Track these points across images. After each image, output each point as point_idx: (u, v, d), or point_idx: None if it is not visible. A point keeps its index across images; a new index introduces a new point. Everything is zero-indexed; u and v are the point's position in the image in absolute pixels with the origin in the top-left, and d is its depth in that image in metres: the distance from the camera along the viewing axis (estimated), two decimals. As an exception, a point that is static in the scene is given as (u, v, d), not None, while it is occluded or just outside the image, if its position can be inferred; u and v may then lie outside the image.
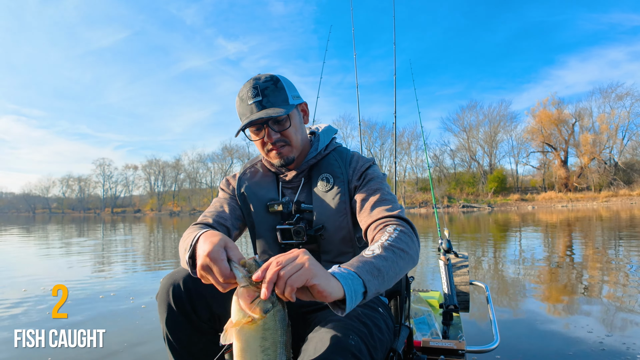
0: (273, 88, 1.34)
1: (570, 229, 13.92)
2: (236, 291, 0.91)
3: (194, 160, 76.51)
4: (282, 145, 1.39)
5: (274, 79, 1.36)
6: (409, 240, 1.16)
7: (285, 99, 1.36)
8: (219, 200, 1.55)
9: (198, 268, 0.96)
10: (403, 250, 1.11)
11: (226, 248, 0.95)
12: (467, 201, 49.56)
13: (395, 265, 1.05)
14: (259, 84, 1.34)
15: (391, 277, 1.04)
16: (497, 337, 2.13)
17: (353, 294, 0.90)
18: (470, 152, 57.06)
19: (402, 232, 1.17)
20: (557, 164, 50.87)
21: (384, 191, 1.37)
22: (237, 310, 0.89)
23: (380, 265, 1.00)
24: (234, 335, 0.89)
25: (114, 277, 6.41)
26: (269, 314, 0.88)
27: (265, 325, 0.88)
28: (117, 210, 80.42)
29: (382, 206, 1.31)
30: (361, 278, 0.94)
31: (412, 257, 1.14)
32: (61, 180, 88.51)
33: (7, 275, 6.70)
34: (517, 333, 3.14)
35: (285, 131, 1.38)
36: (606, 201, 42.49)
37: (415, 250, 1.16)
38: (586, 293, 4.53)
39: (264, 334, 0.89)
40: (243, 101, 1.35)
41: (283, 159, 1.41)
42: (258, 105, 1.32)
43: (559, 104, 51.36)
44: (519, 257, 7.59)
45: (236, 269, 0.90)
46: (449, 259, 2.67)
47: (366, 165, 1.45)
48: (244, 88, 1.36)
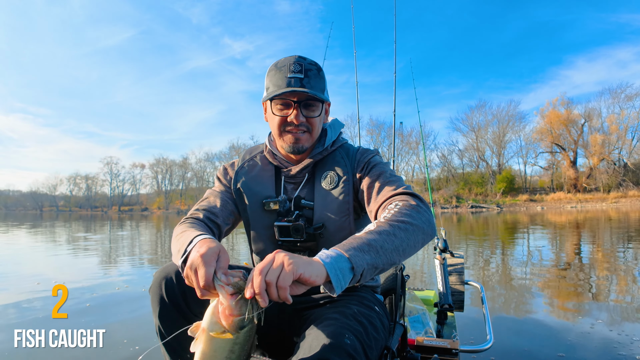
0: (316, 73, 1.33)
1: (577, 230, 13.79)
2: (214, 303, 0.93)
3: (201, 159, 76.94)
4: (303, 130, 1.36)
5: (318, 67, 1.35)
6: (413, 212, 1.12)
7: (323, 88, 1.36)
8: (213, 193, 1.51)
9: (187, 266, 0.97)
10: (404, 222, 1.07)
11: (219, 254, 0.96)
12: (475, 201, 49.30)
13: (393, 237, 1.02)
14: (304, 62, 1.31)
15: (389, 249, 1.00)
16: (491, 337, 2.12)
17: (339, 272, 0.90)
18: (479, 152, 56.80)
19: (404, 205, 1.14)
20: (566, 165, 50.41)
21: (387, 173, 1.35)
22: (214, 322, 0.91)
23: (371, 240, 0.99)
24: (203, 339, 0.92)
25: (122, 273, 6.46)
26: (242, 331, 0.91)
27: (237, 340, 0.92)
28: (125, 208, 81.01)
29: (387, 187, 1.29)
30: (346, 255, 0.93)
31: (418, 227, 1.09)
32: (68, 179, 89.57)
33: (6, 274, 6.72)
34: (511, 333, 3.14)
35: (313, 119, 1.35)
36: (615, 202, 42.06)
37: (422, 219, 1.11)
38: (580, 294, 4.50)
39: (233, 348, 0.93)
40: (280, 71, 1.31)
41: (298, 146, 1.37)
42: (298, 82, 1.28)
43: (568, 104, 51.01)
44: (519, 258, 7.55)
45: (221, 287, 0.91)
46: (445, 258, 2.67)
47: (369, 156, 1.43)
48: (284, 60, 1.32)
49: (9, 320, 3.79)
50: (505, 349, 2.74)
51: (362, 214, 1.46)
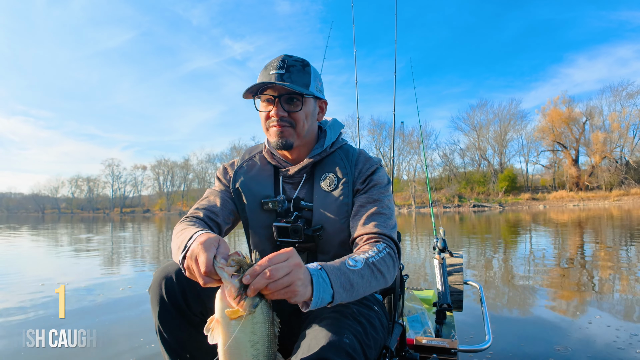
0: (299, 68, 1.32)
1: (579, 228, 13.76)
2: (220, 289, 0.92)
3: (202, 160, 77.11)
4: (286, 125, 1.34)
5: (305, 63, 1.35)
6: (391, 265, 1.18)
7: (307, 83, 1.33)
8: (212, 192, 1.50)
9: (187, 256, 0.98)
10: (381, 273, 1.14)
11: (219, 243, 0.97)
12: (477, 200, 49.25)
13: (368, 284, 1.09)
14: (289, 60, 1.32)
15: (360, 293, 1.08)
16: (489, 337, 2.12)
17: (320, 301, 0.96)
18: (480, 151, 56.75)
19: (388, 254, 1.19)
20: (568, 163, 50.35)
21: (384, 203, 1.34)
22: (225, 307, 0.89)
23: (355, 282, 1.05)
24: (220, 333, 0.89)
25: (125, 274, 6.48)
26: (257, 308, 0.89)
27: (255, 319, 0.89)
28: (126, 210, 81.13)
29: (377, 220, 1.29)
30: (333, 289, 0.99)
31: (386, 280, 1.16)
32: (70, 181, 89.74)
33: (7, 274, 6.75)
34: (510, 333, 3.13)
35: (295, 113, 1.33)
36: (617, 200, 41.97)
37: (391, 275, 1.19)
38: (579, 293, 4.48)
39: (253, 328, 0.89)
40: (266, 69, 1.33)
41: (282, 140, 1.35)
42: (278, 77, 1.29)
43: (569, 102, 50.92)
44: (520, 257, 7.51)
45: (221, 269, 0.90)
46: (444, 258, 2.67)
47: (372, 168, 1.41)
48: (272, 61, 1.34)
49: (13, 321, 3.79)
50: (503, 349, 2.73)
51: None
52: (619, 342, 2.83)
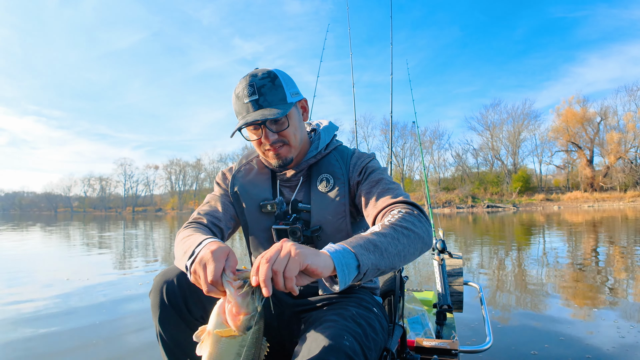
0: (270, 86, 1.27)
1: (594, 229, 13.57)
2: (220, 302, 0.93)
3: (214, 160, 77.68)
4: (280, 145, 1.34)
5: (272, 76, 1.29)
6: (416, 220, 1.12)
7: (283, 97, 1.29)
8: (213, 198, 1.52)
9: (196, 262, 0.98)
10: (407, 229, 1.08)
11: (229, 254, 0.97)
12: (491, 201, 48.76)
13: (396, 242, 1.03)
14: (256, 81, 1.27)
15: (392, 253, 1.01)
16: (490, 338, 2.11)
17: (345, 267, 0.91)
18: (493, 151, 56.23)
19: (407, 213, 1.14)
20: (583, 164, 49.61)
21: (386, 180, 1.34)
22: (220, 323, 0.90)
23: (377, 241, 0.99)
24: (208, 345, 0.90)
25: (137, 272, 6.57)
26: (249, 332, 0.90)
27: (243, 342, 0.90)
28: (139, 209, 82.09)
29: (386, 195, 1.28)
30: (353, 251, 0.94)
31: (419, 236, 1.10)
32: (83, 180, 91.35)
33: (8, 273, 6.82)
34: (510, 334, 3.11)
35: (284, 131, 1.32)
36: (632, 201, 41.23)
37: (423, 229, 1.12)
38: (581, 294, 4.44)
39: (239, 351, 0.90)
40: (239, 99, 1.29)
41: (281, 160, 1.36)
42: (254, 105, 1.26)
43: (583, 102, 50.23)
44: (530, 260, 7.44)
45: (229, 283, 0.90)
46: (443, 259, 2.66)
47: (366, 160, 1.42)
48: (240, 85, 1.29)
49: (9, 320, 3.81)
50: (504, 349, 2.72)
51: (358, 217, 1.46)
52: (622, 343, 2.81)
